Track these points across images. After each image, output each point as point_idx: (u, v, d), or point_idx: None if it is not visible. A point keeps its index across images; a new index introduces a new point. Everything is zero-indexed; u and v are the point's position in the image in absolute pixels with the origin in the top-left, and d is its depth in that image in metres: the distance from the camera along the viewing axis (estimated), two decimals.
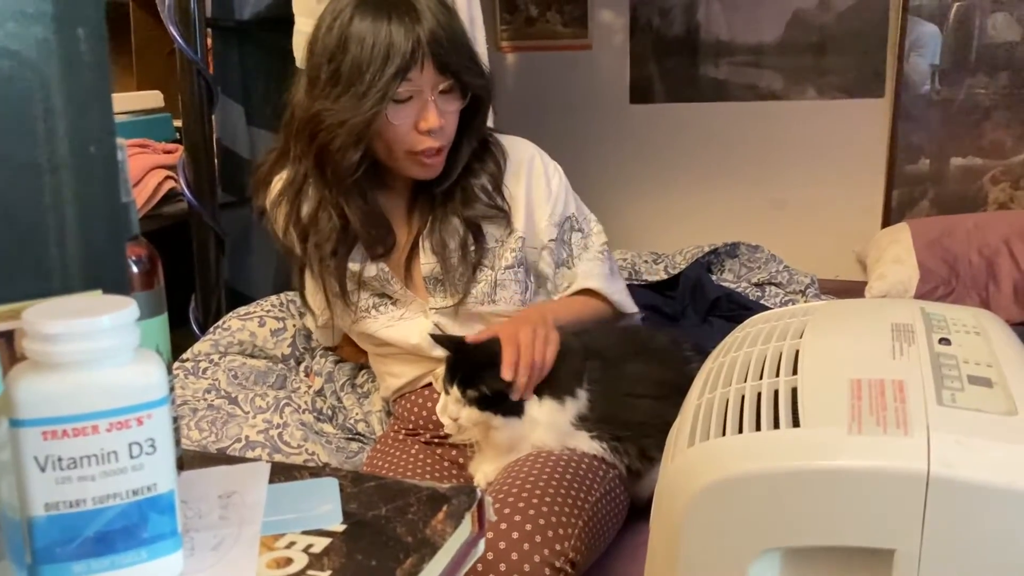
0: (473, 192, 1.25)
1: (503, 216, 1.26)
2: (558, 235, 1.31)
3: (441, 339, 1.18)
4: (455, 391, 1.10)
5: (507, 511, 0.98)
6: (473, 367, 1.10)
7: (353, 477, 0.61)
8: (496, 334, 1.13)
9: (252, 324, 1.57)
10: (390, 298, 1.29)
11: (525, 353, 1.09)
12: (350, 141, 1.15)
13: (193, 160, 1.77)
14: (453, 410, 1.11)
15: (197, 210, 1.77)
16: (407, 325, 1.29)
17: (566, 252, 1.32)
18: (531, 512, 0.98)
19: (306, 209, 1.25)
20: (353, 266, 1.25)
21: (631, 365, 1.17)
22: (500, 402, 1.09)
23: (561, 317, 1.22)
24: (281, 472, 0.62)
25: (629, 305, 1.39)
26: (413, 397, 1.34)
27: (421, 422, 1.32)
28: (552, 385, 1.11)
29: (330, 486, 0.60)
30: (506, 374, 1.07)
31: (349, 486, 0.60)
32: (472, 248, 1.25)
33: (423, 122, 1.16)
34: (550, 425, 1.11)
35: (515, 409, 1.10)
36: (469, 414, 1.10)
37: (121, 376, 0.45)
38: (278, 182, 1.29)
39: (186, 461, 0.63)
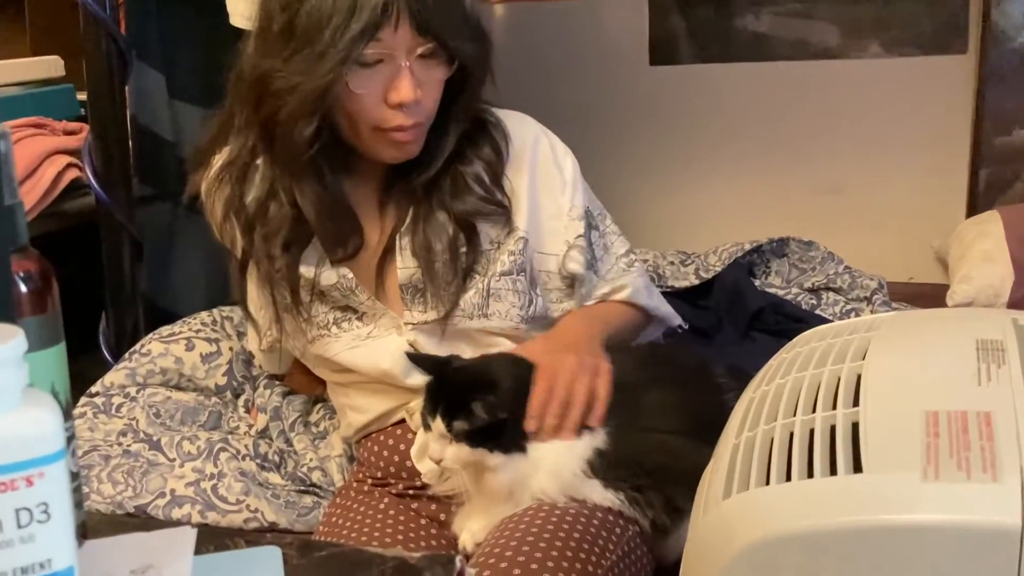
0: (464, 182, 1.27)
1: (502, 213, 1.28)
2: (585, 231, 1.33)
3: (420, 359, 1.18)
4: (438, 424, 1.11)
5: None
6: (461, 391, 1.12)
7: (301, 546, 0.63)
8: (529, 357, 1.15)
9: (178, 348, 1.58)
10: (355, 312, 1.30)
11: (563, 387, 1.12)
12: (302, 111, 1.15)
13: (102, 143, 1.78)
14: (435, 449, 1.12)
15: (107, 206, 1.78)
16: (376, 346, 1.29)
17: (589, 255, 1.36)
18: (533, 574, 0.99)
19: (253, 194, 1.27)
20: (306, 271, 1.26)
21: (652, 394, 1.19)
22: (497, 435, 1.11)
23: (610, 331, 1.26)
24: (211, 539, 0.62)
25: (673, 317, 1.43)
26: (382, 438, 1.35)
27: (392, 469, 1.33)
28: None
29: (271, 558, 0.60)
30: (530, 423, 1.10)
31: (296, 557, 0.61)
32: (463, 251, 1.26)
33: (393, 93, 1.16)
34: (555, 469, 1.13)
35: (517, 443, 1.12)
36: (456, 453, 1.11)
37: (5, 426, 0.45)
38: (219, 159, 1.30)
39: (92, 526, 0.64)
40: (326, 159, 1.22)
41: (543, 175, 1.32)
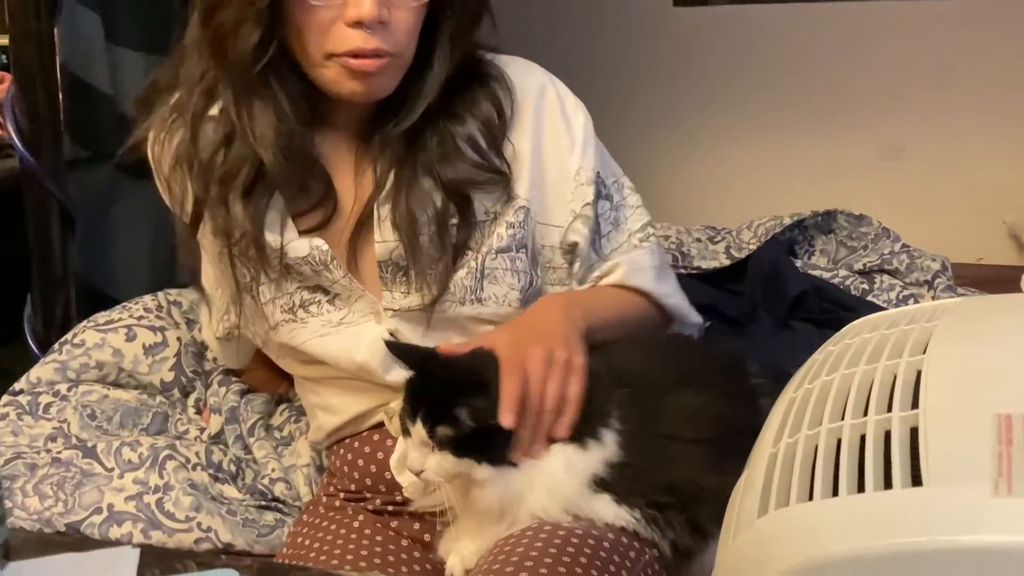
0: (455, 145, 1.28)
1: (499, 181, 1.29)
2: (593, 200, 1.34)
3: (400, 349, 1.19)
4: (419, 429, 1.11)
5: None
6: (447, 392, 1.12)
7: (262, 569, 0.62)
8: (490, 349, 1.14)
9: (116, 338, 1.58)
10: (326, 293, 1.31)
11: (534, 388, 1.11)
12: (246, 13, 1.17)
13: (27, 96, 1.77)
14: (415, 458, 1.12)
15: (33, 169, 1.78)
16: (350, 334, 1.30)
17: (594, 228, 1.35)
18: None
19: (208, 138, 1.27)
20: (272, 238, 1.26)
21: (673, 396, 1.19)
22: (487, 443, 1.11)
23: (594, 320, 1.24)
24: (157, 561, 0.63)
25: (689, 312, 1.41)
26: (357, 444, 1.35)
27: (369, 481, 1.33)
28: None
29: None
30: (505, 419, 1.09)
31: None
32: (454, 224, 1.27)
33: (352, 7, 1.16)
34: (554, 485, 1.13)
35: (508, 455, 1.12)
36: (440, 463, 1.11)
37: None
38: (170, 99, 1.31)
39: (16, 547, 0.63)
40: (280, 83, 1.23)
41: (549, 131, 1.33)
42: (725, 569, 0.71)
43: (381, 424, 1.33)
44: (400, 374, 1.24)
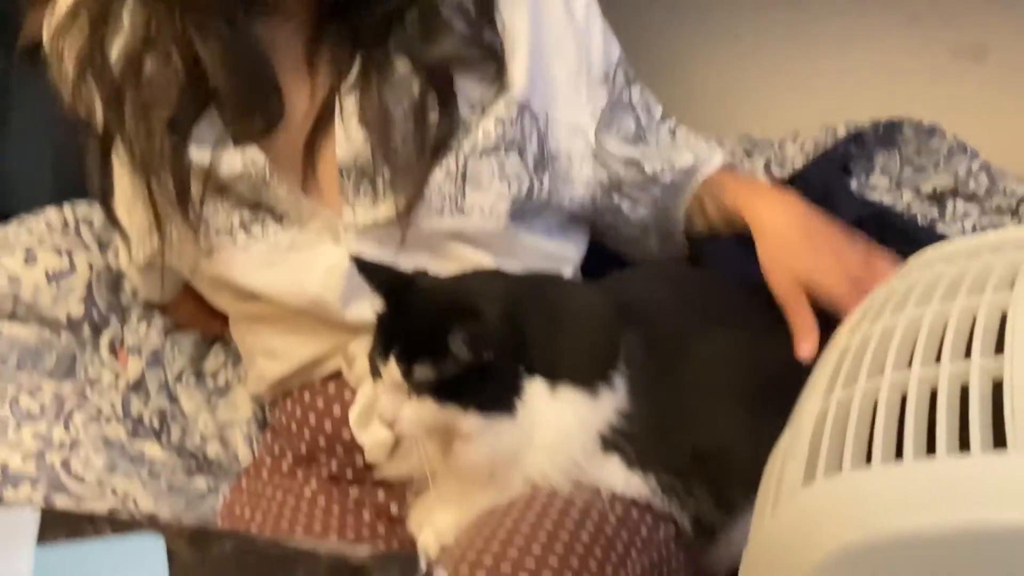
0: (438, 16, 1.28)
1: (491, 61, 1.30)
2: (610, 97, 1.36)
3: (372, 269, 1.18)
4: (392, 368, 1.11)
5: None
6: (429, 321, 1.12)
7: (195, 536, 0.62)
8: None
9: (12, 261, 1.57)
10: (271, 211, 1.32)
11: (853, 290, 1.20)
12: None
13: None
14: (387, 406, 1.13)
15: None
16: (301, 261, 1.31)
17: (633, 120, 1.39)
18: None
19: (122, 42, 1.27)
20: (199, 155, 1.27)
21: (703, 336, 1.20)
22: (476, 387, 1.12)
23: None
24: (60, 525, 0.61)
25: None
26: (308, 397, 1.37)
27: (323, 441, 1.34)
28: (571, 362, 1.14)
29: (150, 551, 0.59)
30: (804, 349, 1.18)
31: (186, 550, 0.60)
32: (434, 114, 1.27)
33: None
34: (557, 440, 1.14)
35: (504, 400, 1.12)
36: (417, 412, 1.12)
37: None
38: None
39: None
40: None
41: (549, 9, 1.34)
42: (760, 549, 0.71)
43: (339, 373, 1.35)
44: (363, 310, 1.25)
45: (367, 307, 1.21)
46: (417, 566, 0.61)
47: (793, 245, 1.27)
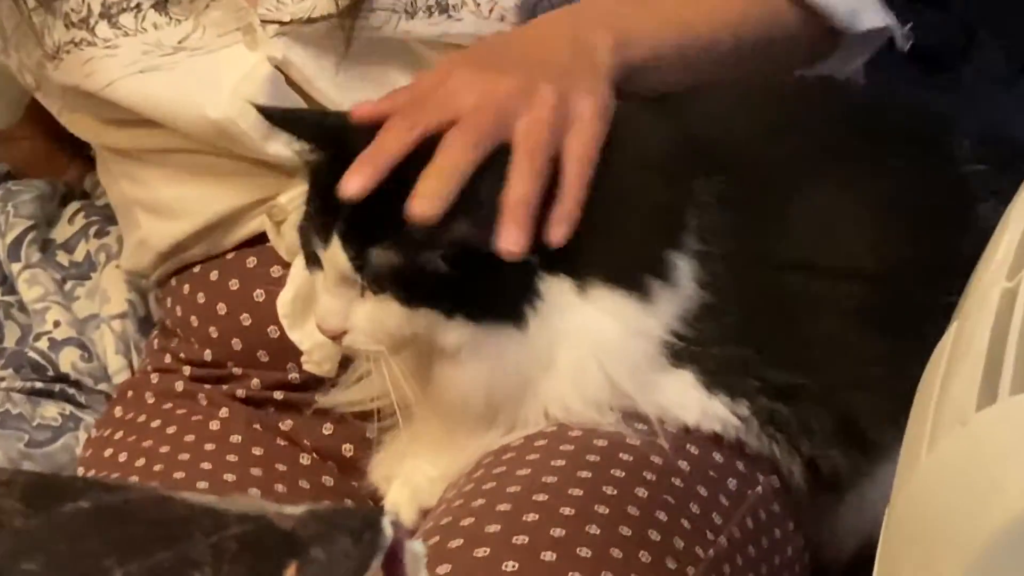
0: None
1: None
2: None
3: (285, 116, 1.07)
4: (336, 254, 0.98)
5: None
6: (392, 182, 0.95)
7: (35, 490, 0.56)
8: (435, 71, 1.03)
9: None
10: None
11: (529, 160, 0.96)
12: None
13: None
14: (332, 310, 1.00)
15: None
16: (197, 70, 1.18)
17: None
18: None
19: None
20: None
21: (810, 192, 1.06)
22: (468, 282, 0.98)
23: (652, 44, 1.09)
24: None
25: (867, 7, 1.21)
26: (216, 276, 1.21)
27: (238, 344, 1.19)
28: (606, 249, 1.00)
29: None
30: (419, 206, 0.93)
31: (21, 512, 0.54)
32: None
33: None
34: (597, 356, 0.99)
35: (509, 303, 0.99)
36: (376, 318, 0.99)
37: None
38: None
39: None
40: None
41: None
42: (912, 503, 0.64)
43: (261, 238, 1.19)
44: (285, 151, 1.14)
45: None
46: (380, 534, 0.50)
47: None
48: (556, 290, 0.98)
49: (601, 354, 1.00)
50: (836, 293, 1.03)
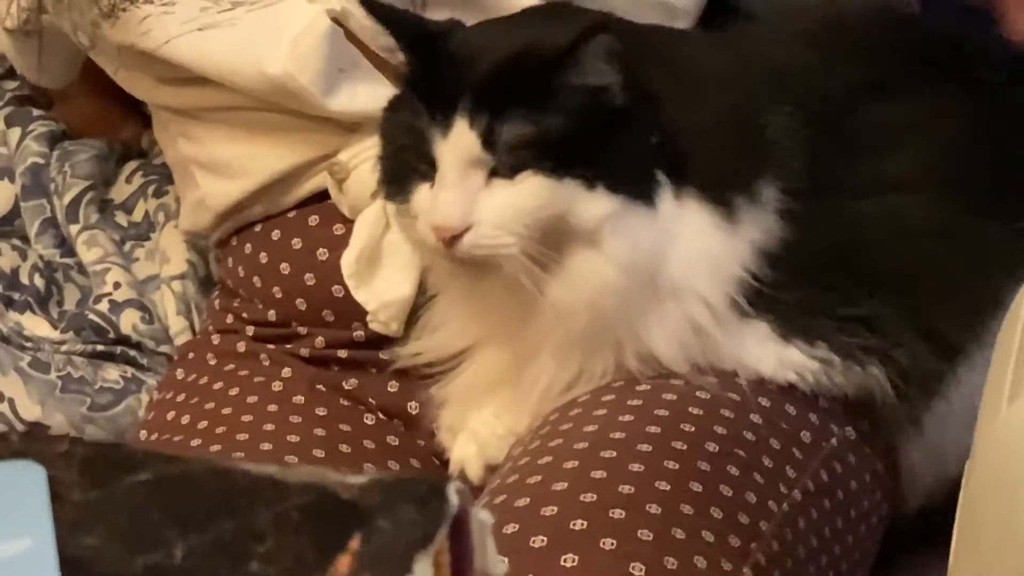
0: None
1: None
2: None
3: (389, 12, 1.02)
4: (460, 137, 0.94)
5: (551, 546, 0.86)
6: (519, 55, 0.96)
7: (97, 460, 0.52)
8: None
9: None
10: None
11: None
12: None
13: None
14: (451, 201, 0.94)
15: None
16: (255, 24, 1.14)
17: None
18: (624, 545, 0.86)
19: None
20: None
21: (881, 115, 1.04)
22: (602, 151, 0.95)
23: None
24: None
25: None
26: (278, 235, 1.19)
27: (302, 304, 1.17)
28: (702, 154, 0.98)
29: (28, 488, 0.51)
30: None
31: (81, 485, 0.51)
32: None
33: None
34: (692, 275, 0.96)
35: (640, 178, 0.95)
36: (512, 201, 0.94)
37: None
38: None
39: None
40: None
41: None
42: (993, 451, 0.63)
43: (323, 195, 1.16)
44: (355, 97, 1.11)
45: (362, 93, 1.09)
46: (445, 501, 0.47)
47: None
48: (663, 187, 0.95)
49: (694, 280, 0.96)
50: (906, 208, 1.01)
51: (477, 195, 0.94)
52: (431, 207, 0.94)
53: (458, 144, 0.93)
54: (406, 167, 0.97)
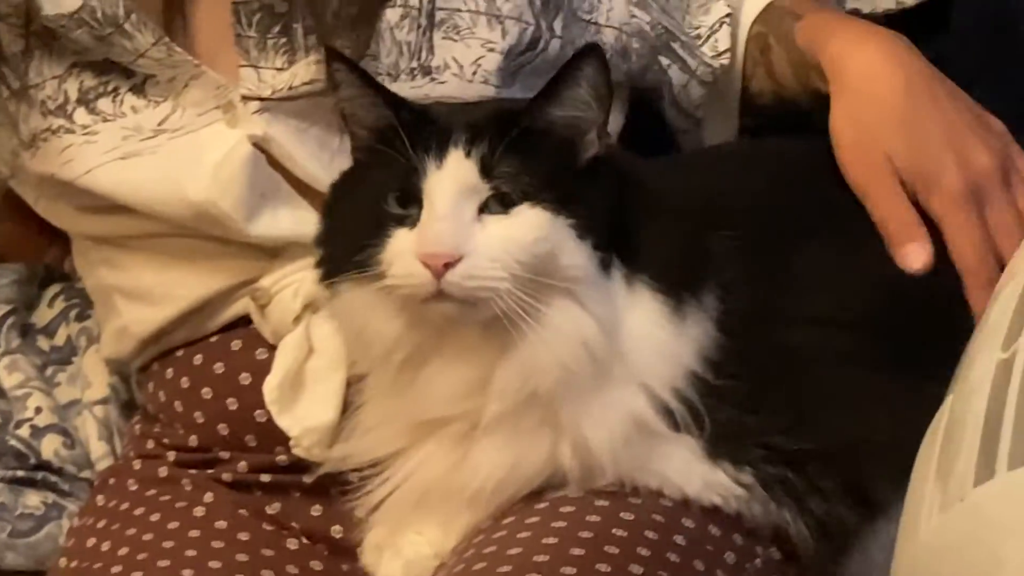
0: None
1: None
2: None
3: (346, 65, 1.07)
4: (457, 168, 0.99)
5: None
6: (508, 102, 1.11)
7: None
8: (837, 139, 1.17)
9: None
10: (129, 75, 1.21)
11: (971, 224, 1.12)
12: None
13: None
14: (444, 229, 0.98)
15: None
16: (177, 152, 1.20)
17: None
18: None
19: None
20: None
21: (818, 249, 1.12)
22: (585, 199, 1.02)
23: None
24: None
25: None
26: (199, 360, 1.24)
27: (223, 429, 1.22)
28: (655, 248, 1.05)
29: None
30: (910, 255, 1.09)
31: None
32: None
33: None
34: (645, 363, 1.02)
35: (606, 244, 1.02)
36: (509, 233, 0.99)
37: None
38: None
39: None
40: None
41: None
42: (912, 568, 0.74)
43: (245, 321, 1.22)
44: (276, 222, 1.18)
45: (283, 218, 1.17)
46: None
47: (887, 108, 1.16)
48: (616, 273, 1.01)
49: (647, 367, 1.01)
50: (836, 347, 1.06)
51: (470, 227, 0.98)
52: (420, 239, 0.98)
53: (454, 173, 0.99)
54: (372, 223, 1.00)
